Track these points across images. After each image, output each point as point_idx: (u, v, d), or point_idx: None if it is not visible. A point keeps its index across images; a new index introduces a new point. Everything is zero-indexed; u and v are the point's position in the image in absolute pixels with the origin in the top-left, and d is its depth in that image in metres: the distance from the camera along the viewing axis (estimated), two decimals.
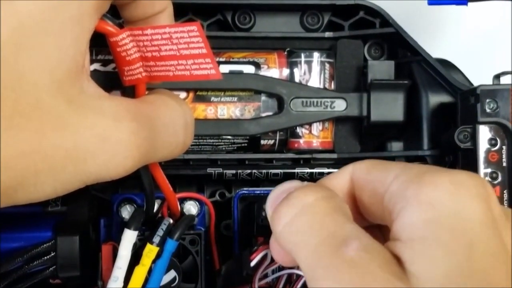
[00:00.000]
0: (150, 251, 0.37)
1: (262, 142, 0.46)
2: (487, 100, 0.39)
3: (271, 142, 0.46)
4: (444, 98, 0.45)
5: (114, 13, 0.32)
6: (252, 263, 0.35)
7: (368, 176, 0.27)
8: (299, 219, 0.25)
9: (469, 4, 0.39)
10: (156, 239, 0.38)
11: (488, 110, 0.39)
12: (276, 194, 0.27)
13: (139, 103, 0.29)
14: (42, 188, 0.26)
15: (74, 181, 0.27)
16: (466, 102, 0.42)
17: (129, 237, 0.37)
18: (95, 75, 0.43)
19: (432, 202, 0.23)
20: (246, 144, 0.45)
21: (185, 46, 0.29)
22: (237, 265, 0.37)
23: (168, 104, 0.31)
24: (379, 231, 0.29)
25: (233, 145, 0.45)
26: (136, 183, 0.39)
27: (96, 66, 0.44)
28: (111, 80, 0.36)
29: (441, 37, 0.51)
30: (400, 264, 0.23)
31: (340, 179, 0.28)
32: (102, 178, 0.27)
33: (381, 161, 0.27)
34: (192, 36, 0.29)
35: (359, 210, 0.28)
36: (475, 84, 0.47)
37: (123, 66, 0.32)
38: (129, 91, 0.33)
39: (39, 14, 0.25)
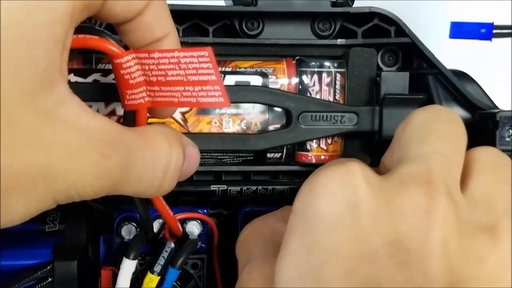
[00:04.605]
0: (151, 280, 0.36)
1: (269, 155, 0.44)
2: (507, 128, 0.37)
3: (277, 155, 0.44)
4: (461, 114, 0.43)
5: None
6: None
7: None
8: None
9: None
10: (157, 268, 0.36)
11: (507, 139, 0.37)
12: None
13: (124, 130, 0.28)
14: (14, 209, 0.25)
15: (45, 200, 0.26)
16: (484, 125, 0.39)
17: (128, 267, 0.36)
18: (94, 86, 0.42)
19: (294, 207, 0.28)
20: (251, 158, 0.44)
21: (194, 71, 0.27)
22: None
23: (155, 142, 0.29)
24: None
25: (238, 159, 0.44)
26: None
27: (96, 76, 0.41)
28: (112, 92, 0.34)
29: (456, 45, 0.48)
30: None
31: None
32: (72, 197, 0.26)
33: None
34: (202, 62, 0.27)
35: None
36: (492, 97, 0.45)
37: (126, 90, 0.29)
38: (129, 116, 0.31)
39: (10, 18, 0.23)
